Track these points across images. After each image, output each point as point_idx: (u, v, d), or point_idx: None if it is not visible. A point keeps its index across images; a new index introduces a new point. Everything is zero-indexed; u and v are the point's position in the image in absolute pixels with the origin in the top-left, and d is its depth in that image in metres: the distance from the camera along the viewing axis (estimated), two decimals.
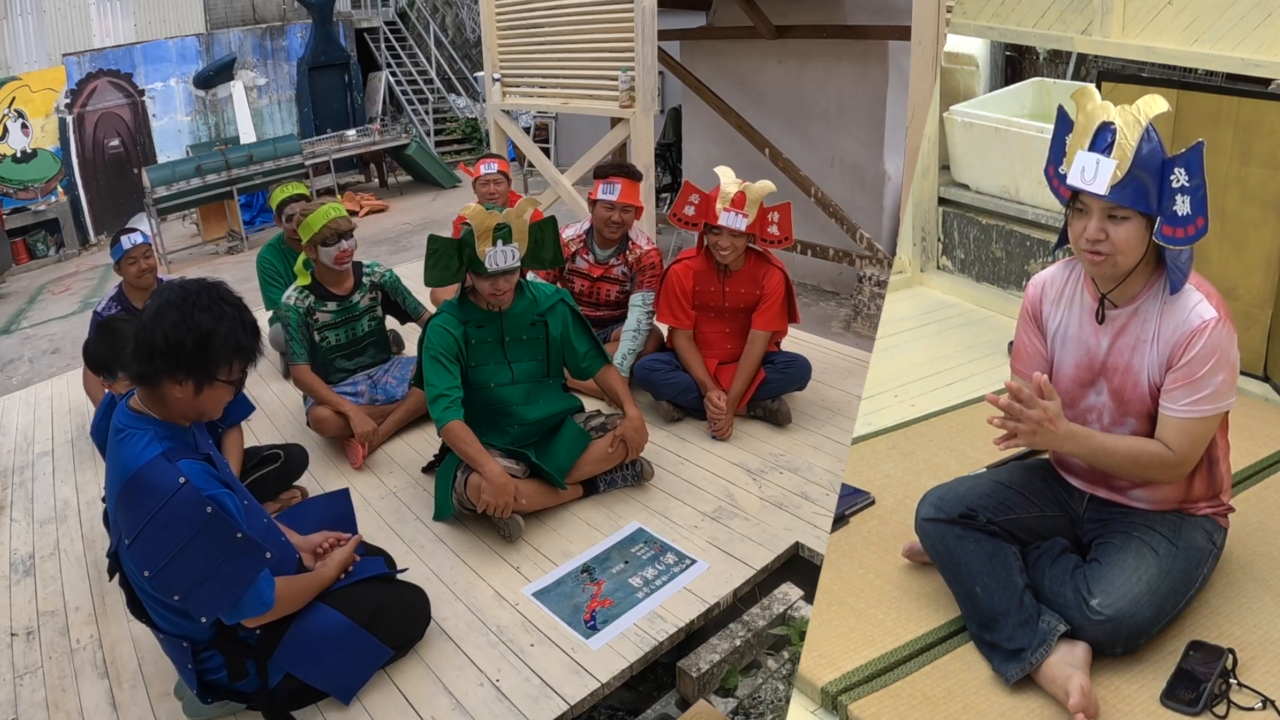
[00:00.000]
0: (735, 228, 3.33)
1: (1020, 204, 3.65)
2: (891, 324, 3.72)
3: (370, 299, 3.67)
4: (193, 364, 1.82)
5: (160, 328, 1.80)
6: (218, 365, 1.85)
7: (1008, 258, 3.73)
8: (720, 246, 3.38)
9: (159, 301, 1.84)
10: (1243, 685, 1.70)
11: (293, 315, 3.48)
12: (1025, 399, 1.70)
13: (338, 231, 3.42)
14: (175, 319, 1.80)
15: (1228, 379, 1.73)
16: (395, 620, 2.27)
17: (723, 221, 3.33)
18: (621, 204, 3.70)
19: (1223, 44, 2.71)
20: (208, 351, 1.82)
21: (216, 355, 1.84)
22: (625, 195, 3.69)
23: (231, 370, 1.88)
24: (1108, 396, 1.88)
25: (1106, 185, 1.66)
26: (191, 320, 1.81)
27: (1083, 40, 3.11)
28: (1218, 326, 1.71)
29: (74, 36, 12.80)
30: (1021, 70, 4.20)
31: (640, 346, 3.74)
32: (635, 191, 3.73)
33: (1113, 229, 1.70)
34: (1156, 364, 1.79)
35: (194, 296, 1.84)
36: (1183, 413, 1.75)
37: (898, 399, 3.00)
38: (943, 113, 3.83)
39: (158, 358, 1.80)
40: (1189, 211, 1.64)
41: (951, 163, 3.92)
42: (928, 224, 4.01)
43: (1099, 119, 1.69)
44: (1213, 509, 1.92)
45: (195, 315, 1.81)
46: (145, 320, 1.83)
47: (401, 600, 2.33)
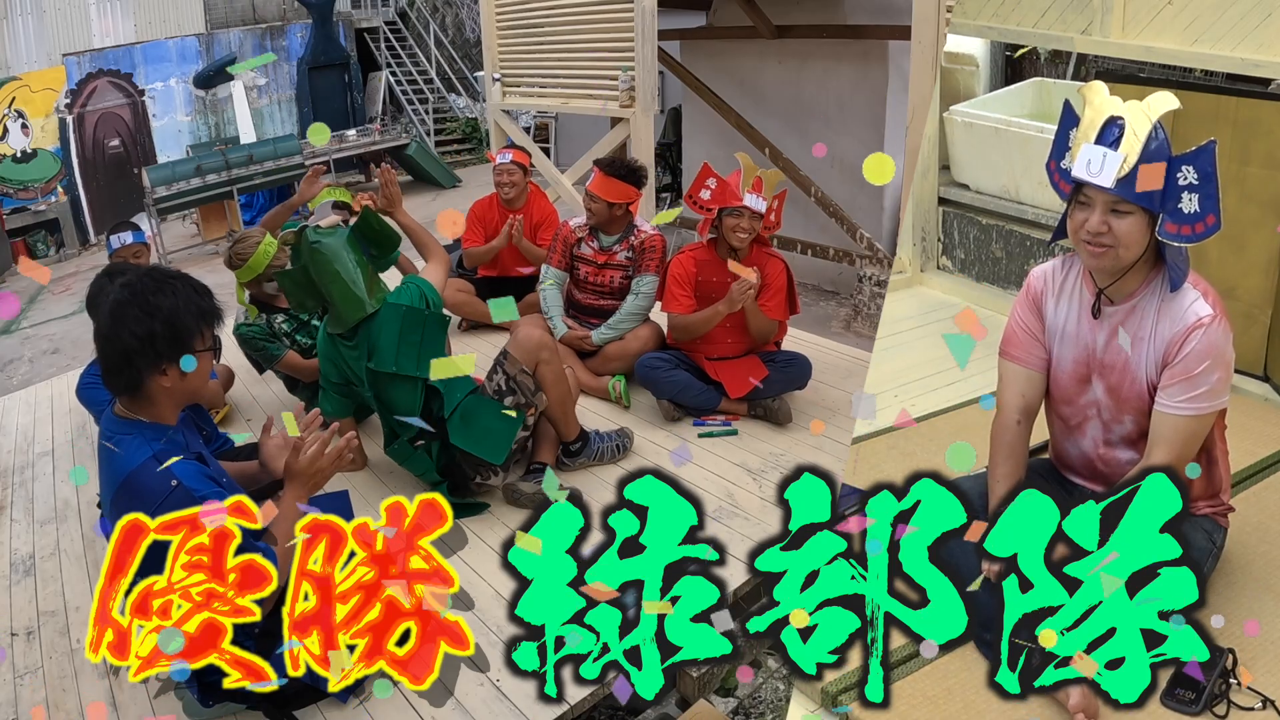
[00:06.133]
0: (758, 209, 3.36)
1: (1020, 204, 3.65)
2: (891, 324, 3.72)
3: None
4: (169, 347, 1.82)
5: (125, 329, 1.80)
6: (191, 338, 1.85)
7: (1008, 258, 3.73)
8: (740, 229, 3.40)
9: (107, 308, 1.83)
10: (1243, 685, 1.70)
11: (258, 330, 3.57)
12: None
13: (280, 268, 3.52)
14: (135, 314, 1.80)
15: (1223, 377, 1.73)
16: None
17: (747, 202, 3.35)
18: (588, 191, 3.80)
19: (1223, 44, 2.71)
20: (178, 329, 1.83)
21: (187, 329, 1.84)
22: (593, 184, 3.78)
23: (204, 337, 1.88)
24: (1104, 393, 1.88)
25: (1113, 179, 1.66)
26: (150, 306, 1.81)
27: (1083, 40, 3.12)
28: (1214, 324, 1.71)
29: (74, 36, 12.79)
30: (1021, 70, 4.20)
31: (630, 323, 3.80)
32: (609, 185, 3.75)
33: (1115, 222, 1.70)
34: (1153, 361, 1.79)
35: (140, 286, 1.84)
36: (1178, 409, 1.75)
37: (898, 399, 3.00)
38: (943, 113, 3.83)
39: (134, 358, 1.80)
40: (1196, 209, 1.65)
41: (951, 163, 3.92)
42: (928, 224, 4.01)
43: (1107, 113, 1.70)
44: (1212, 509, 1.92)
45: (151, 301, 1.81)
46: (105, 332, 1.82)
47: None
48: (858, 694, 1.71)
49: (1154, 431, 1.79)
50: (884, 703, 1.70)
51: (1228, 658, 1.72)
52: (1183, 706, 1.66)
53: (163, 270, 1.92)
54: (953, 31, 3.79)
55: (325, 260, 2.77)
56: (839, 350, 4.41)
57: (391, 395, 2.89)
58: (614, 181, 3.75)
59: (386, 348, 2.81)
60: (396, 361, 2.80)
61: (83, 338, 3.43)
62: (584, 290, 3.98)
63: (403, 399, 2.87)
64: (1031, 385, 1.96)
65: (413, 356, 2.81)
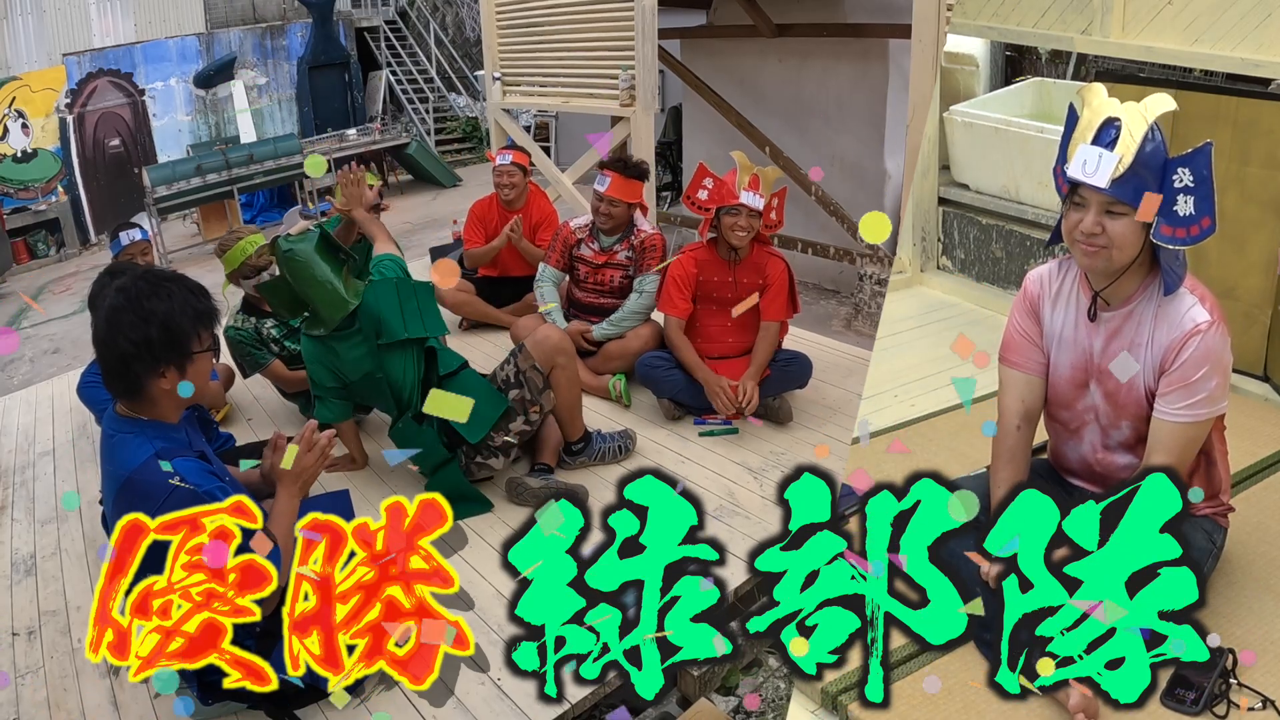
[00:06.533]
0: (755, 206, 3.35)
1: (1020, 204, 3.65)
2: (891, 324, 3.72)
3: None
4: (167, 351, 1.82)
5: (120, 334, 1.79)
6: (188, 341, 1.85)
7: (1008, 258, 3.73)
8: (739, 227, 3.39)
9: (103, 313, 1.82)
10: (1243, 685, 1.70)
11: (246, 334, 3.60)
12: None
13: (256, 267, 3.59)
14: (131, 319, 1.80)
15: (1221, 383, 1.73)
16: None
17: (743, 200, 3.34)
18: (608, 196, 3.77)
19: (1223, 44, 2.71)
20: (174, 333, 1.82)
21: (184, 332, 1.84)
22: (613, 189, 3.75)
23: (202, 339, 1.88)
24: (1102, 398, 1.88)
25: (1108, 179, 1.66)
26: (145, 311, 1.81)
27: (1083, 40, 3.12)
28: (1211, 330, 1.71)
29: (74, 36, 12.78)
30: (1022, 70, 4.20)
31: (632, 322, 3.81)
32: (628, 188, 3.77)
33: (1109, 223, 1.70)
34: (1151, 367, 1.79)
35: (134, 290, 1.84)
36: (1177, 416, 1.75)
37: (898, 399, 3.00)
38: (943, 113, 3.83)
39: (133, 363, 1.80)
40: (1192, 212, 1.65)
41: (951, 163, 3.92)
42: (928, 224, 4.01)
43: (1104, 114, 1.70)
44: (1212, 509, 1.92)
45: (146, 305, 1.81)
46: (101, 337, 1.82)
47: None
48: (858, 694, 1.72)
49: (1152, 438, 1.79)
50: (884, 703, 1.70)
51: (1228, 658, 1.73)
52: (1183, 706, 1.67)
53: (158, 273, 1.92)
54: (953, 31, 3.79)
55: (300, 266, 2.82)
56: (840, 349, 4.41)
57: (393, 369, 2.97)
58: (632, 183, 3.78)
59: (392, 319, 2.92)
60: (406, 328, 2.92)
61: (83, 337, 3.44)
62: (584, 290, 3.98)
63: (406, 370, 2.97)
64: (1031, 390, 1.96)
65: (417, 319, 2.95)
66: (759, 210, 3.36)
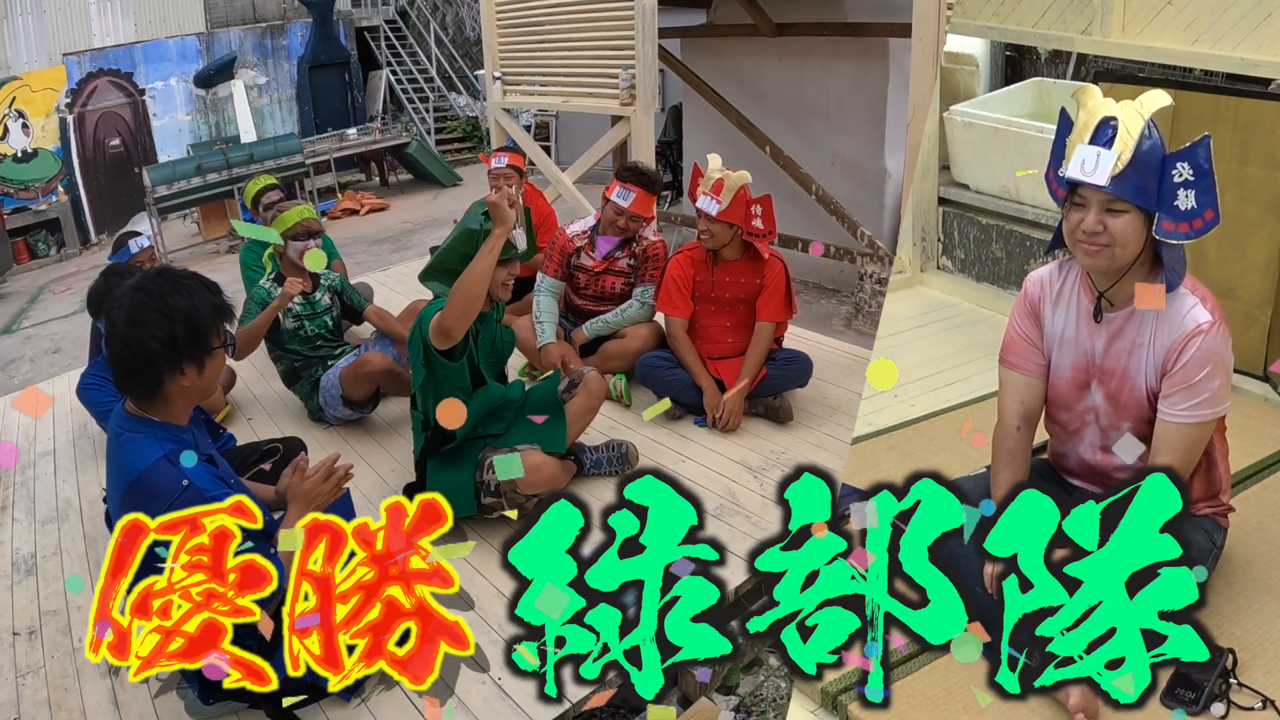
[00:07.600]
0: (707, 211, 3.37)
1: (1020, 204, 3.65)
2: (891, 324, 3.72)
3: (329, 299, 3.82)
4: (191, 347, 1.83)
5: (145, 332, 1.80)
6: (210, 335, 1.87)
7: (1008, 258, 3.73)
8: (701, 231, 3.44)
9: (124, 312, 1.82)
10: (1243, 685, 1.70)
11: (268, 296, 3.62)
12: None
13: (309, 230, 3.61)
14: (156, 316, 1.81)
15: (1223, 383, 1.73)
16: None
17: (699, 205, 3.40)
18: (631, 212, 3.71)
19: (1223, 44, 2.71)
20: (198, 329, 1.84)
21: (206, 327, 1.86)
22: (637, 205, 3.70)
23: (220, 334, 1.90)
24: (1103, 399, 1.88)
25: (1107, 176, 1.66)
26: (169, 308, 1.82)
27: (1083, 40, 3.12)
28: (1213, 330, 1.71)
29: (74, 36, 12.79)
30: (1022, 70, 4.20)
31: (620, 323, 3.82)
32: (649, 204, 3.76)
33: (1110, 221, 1.69)
34: (1153, 368, 1.79)
35: (156, 288, 1.84)
36: (1182, 418, 1.75)
37: (898, 399, 3.00)
38: (942, 113, 3.83)
39: (158, 360, 1.80)
40: (1193, 206, 1.64)
41: (951, 163, 3.92)
42: (928, 224, 4.01)
43: (1100, 114, 1.70)
44: (1212, 509, 1.93)
45: (169, 302, 1.82)
46: (124, 337, 1.81)
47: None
48: (858, 694, 1.72)
49: (1157, 439, 1.79)
50: (884, 703, 1.70)
51: (1228, 658, 1.73)
52: (1183, 706, 1.67)
53: (174, 270, 1.93)
54: (953, 31, 3.79)
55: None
56: (840, 348, 4.41)
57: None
58: (652, 199, 3.77)
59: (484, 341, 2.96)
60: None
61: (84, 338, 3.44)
62: (583, 297, 3.97)
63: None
64: (1031, 392, 1.96)
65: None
66: (713, 215, 3.36)
